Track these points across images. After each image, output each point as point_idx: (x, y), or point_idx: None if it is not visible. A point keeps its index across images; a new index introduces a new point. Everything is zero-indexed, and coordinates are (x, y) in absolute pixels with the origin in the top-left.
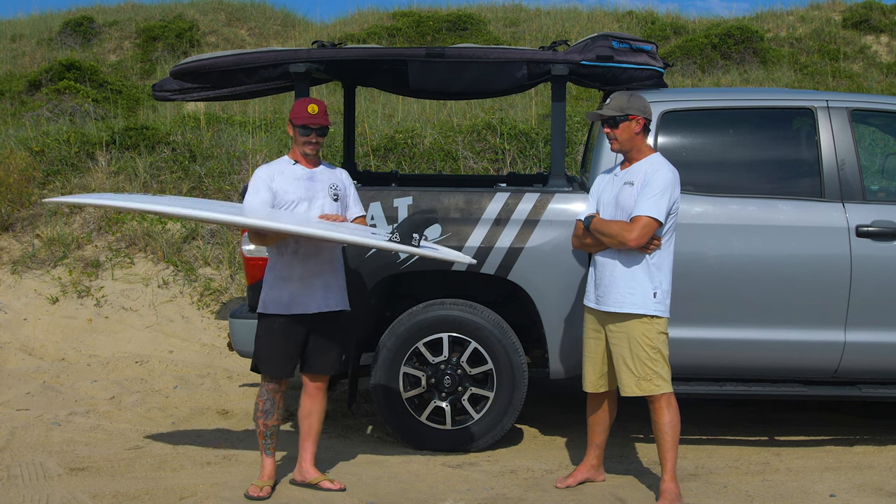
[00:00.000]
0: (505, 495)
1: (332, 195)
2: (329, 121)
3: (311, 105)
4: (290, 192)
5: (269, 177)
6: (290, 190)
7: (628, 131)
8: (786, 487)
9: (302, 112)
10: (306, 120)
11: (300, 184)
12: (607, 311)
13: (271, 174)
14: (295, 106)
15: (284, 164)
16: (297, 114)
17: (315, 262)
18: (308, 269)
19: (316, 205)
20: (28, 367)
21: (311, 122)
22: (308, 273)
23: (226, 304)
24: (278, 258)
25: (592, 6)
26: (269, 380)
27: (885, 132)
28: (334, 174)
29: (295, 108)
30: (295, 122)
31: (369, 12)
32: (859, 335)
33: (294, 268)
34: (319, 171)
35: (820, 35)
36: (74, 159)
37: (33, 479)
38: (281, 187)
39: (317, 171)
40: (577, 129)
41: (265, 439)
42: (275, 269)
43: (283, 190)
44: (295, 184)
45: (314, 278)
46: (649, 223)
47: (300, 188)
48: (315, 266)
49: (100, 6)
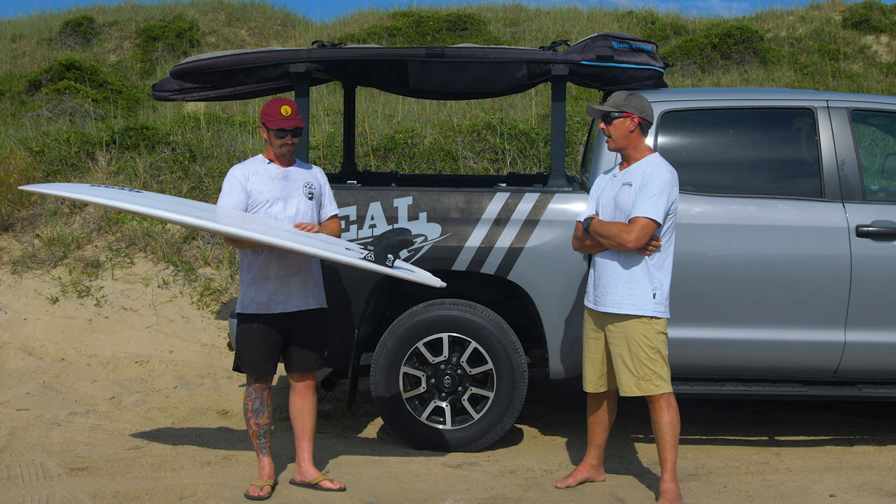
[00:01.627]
0: (505, 495)
1: (307, 194)
2: (303, 121)
3: (283, 106)
4: (265, 192)
5: (243, 177)
6: (265, 190)
7: (622, 129)
8: (786, 487)
9: (276, 114)
10: (281, 123)
11: (275, 183)
12: (606, 311)
13: (246, 174)
14: (267, 108)
15: (259, 163)
16: (270, 116)
17: (292, 260)
18: (285, 268)
19: (291, 204)
20: (28, 367)
21: (286, 124)
22: (285, 272)
23: (226, 304)
24: (255, 258)
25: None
26: (255, 378)
27: (885, 132)
28: (309, 173)
29: (267, 111)
30: (269, 125)
31: (369, 12)
32: (859, 335)
33: (271, 267)
34: (294, 169)
35: (820, 35)
36: (74, 159)
37: (33, 479)
38: (255, 187)
39: (291, 170)
40: (577, 129)
41: (259, 439)
42: (252, 270)
43: (258, 190)
44: (270, 183)
45: (291, 277)
46: (647, 224)
47: (275, 188)
48: (292, 265)
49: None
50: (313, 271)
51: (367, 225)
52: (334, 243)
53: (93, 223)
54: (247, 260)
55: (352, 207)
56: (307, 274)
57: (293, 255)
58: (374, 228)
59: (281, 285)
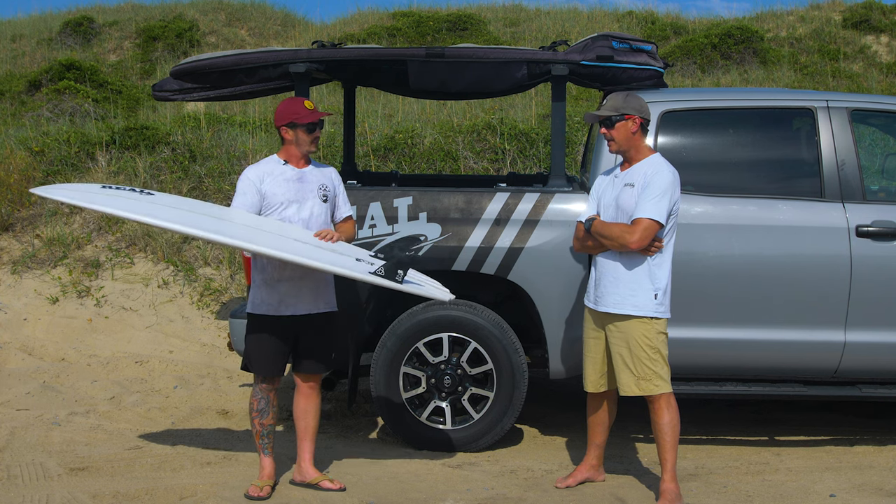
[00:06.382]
0: (505, 495)
1: (321, 196)
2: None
3: (306, 102)
4: (280, 195)
5: (258, 178)
6: (280, 192)
7: (625, 131)
8: (786, 487)
9: (302, 110)
10: (311, 117)
11: (290, 185)
12: (607, 311)
13: (261, 176)
14: (289, 108)
15: (273, 163)
16: (297, 114)
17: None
18: (297, 270)
19: (305, 206)
20: (28, 367)
21: (315, 117)
22: (297, 275)
23: (226, 304)
24: (267, 260)
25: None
26: (262, 379)
27: (885, 132)
28: (323, 174)
29: (292, 110)
30: (300, 121)
31: (369, 12)
32: (859, 335)
33: (283, 270)
34: (309, 170)
35: (820, 35)
36: (74, 159)
37: (33, 479)
38: (270, 189)
39: (306, 172)
40: (577, 129)
41: (262, 439)
42: (264, 272)
43: (273, 192)
44: (285, 185)
45: (303, 280)
46: (651, 225)
47: (290, 190)
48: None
49: (100, 6)
50: (325, 274)
51: (367, 225)
52: (347, 253)
53: (93, 223)
54: (260, 262)
55: (352, 207)
56: (319, 278)
57: None
58: (373, 228)
59: (292, 287)
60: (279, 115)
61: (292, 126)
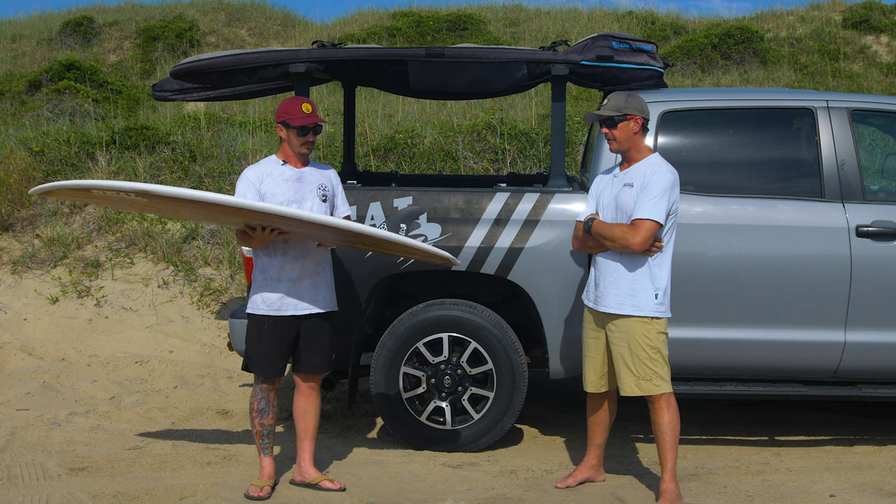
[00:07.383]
0: (505, 495)
1: (320, 196)
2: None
3: (304, 104)
4: (279, 195)
5: (257, 179)
6: (279, 192)
7: (626, 131)
8: (786, 487)
9: (297, 112)
10: (304, 120)
11: (289, 185)
12: (607, 311)
13: (260, 176)
14: (286, 107)
15: (272, 164)
16: (292, 115)
17: (304, 263)
18: (297, 270)
19: (305, 207)
20: (28, 367)
21: (308, 122)
22: (297, 275)
23: (226, 304)
24: (269, 260)
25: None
26: (262, 379)
27: (885, 132)
28: (322, 174)
29: (288, 110)
30: (292, 123)
31: (369, 12)
32: (859, 335)
33: (283, 270)
34: (308, 170)
35: (820, 35)
36: (74, 159)
37: (33, 479)
38: (269, 190)
39: (305, 172)
40: (577, 129)
41: (262, 439)
42: (265, 272)
43: (272, 192)
44: (284, 185)
45: (303, 280)
46: (652, 226)
47: (289, 190)
48: (304, 268)
49: (100, 6)
50: (325, 274)
51: (367, 225)
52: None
53: (93, 223)
54: (261, 261)
55: (352, 207)
56: (319, 277)
57: (307, 257)
58: None
59: (293, 287)
60: (278, 112)
61: (286, 125)
